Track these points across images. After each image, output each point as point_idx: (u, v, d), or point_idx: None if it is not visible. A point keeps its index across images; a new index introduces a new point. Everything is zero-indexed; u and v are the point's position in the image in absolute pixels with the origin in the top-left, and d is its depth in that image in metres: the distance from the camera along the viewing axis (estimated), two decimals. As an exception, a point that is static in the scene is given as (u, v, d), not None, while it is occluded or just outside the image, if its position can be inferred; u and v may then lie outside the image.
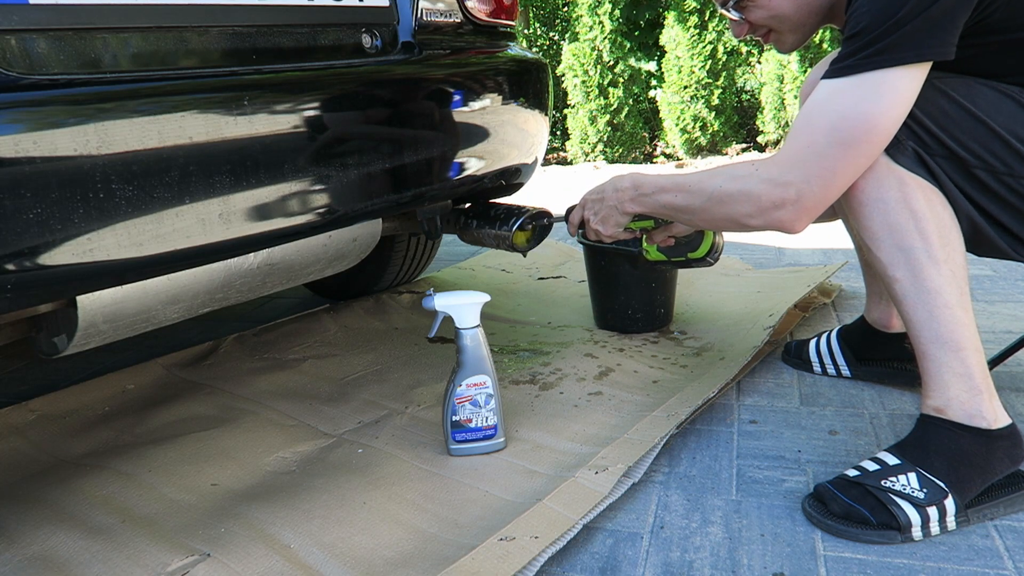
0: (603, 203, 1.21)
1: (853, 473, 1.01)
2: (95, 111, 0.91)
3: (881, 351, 1.39)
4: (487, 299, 1.18)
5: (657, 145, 6.32)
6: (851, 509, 0.96)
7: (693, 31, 5.49)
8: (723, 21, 5.44)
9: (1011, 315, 1.71)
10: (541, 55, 4.16)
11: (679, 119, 5.65)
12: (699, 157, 5.66)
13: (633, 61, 5.85)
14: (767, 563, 0.92)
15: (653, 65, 5.99)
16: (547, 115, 1.64)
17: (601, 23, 5.61)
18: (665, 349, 1.60)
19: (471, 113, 1.41)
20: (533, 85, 1.56)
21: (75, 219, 0.89)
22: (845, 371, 1.43)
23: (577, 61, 5.72)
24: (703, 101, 5.56)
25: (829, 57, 1.21)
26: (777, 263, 2.32)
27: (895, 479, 0.96)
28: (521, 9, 7.07)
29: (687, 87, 5.56)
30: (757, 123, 5.86)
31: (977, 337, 0.96)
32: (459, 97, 1.38)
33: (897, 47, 0.86)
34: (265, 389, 1.50)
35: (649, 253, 1.41)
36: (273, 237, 1.14)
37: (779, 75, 5.49)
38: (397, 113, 1.27)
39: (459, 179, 1.41)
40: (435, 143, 1.34)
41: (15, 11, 0.88)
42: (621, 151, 5.84)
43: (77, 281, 0.95)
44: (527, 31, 7.47)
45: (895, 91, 0.89)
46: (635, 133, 5.87)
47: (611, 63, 5.69)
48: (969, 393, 0.96)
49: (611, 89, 5.72)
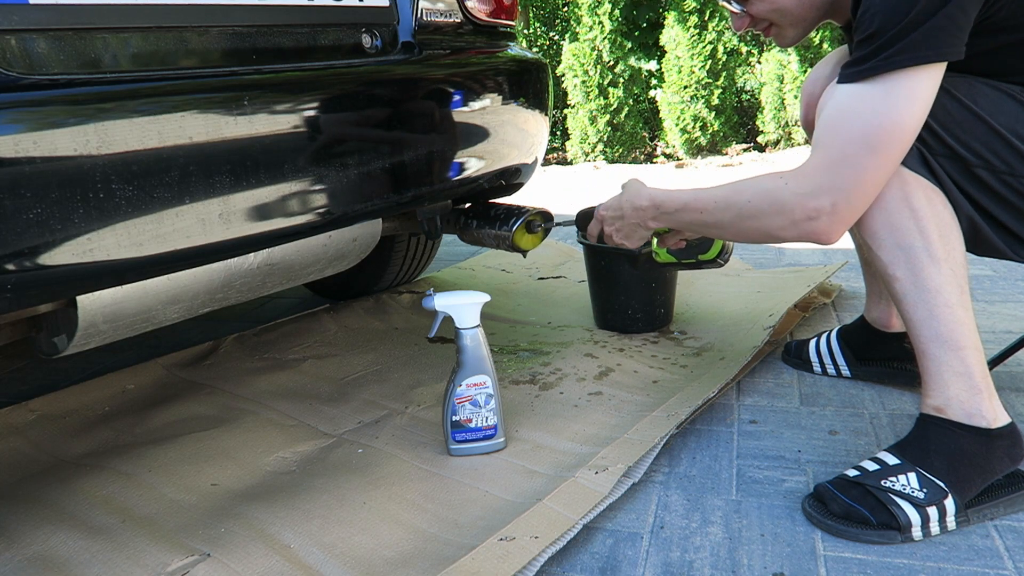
0: (623, 220, 1.20)
1: (853, 473, 1.01)
2: (95, 111, 0.91)
3: (881, 351, 1.39)
4: (487, 299, 1.18)
5: (657, 145, 6.33)
6: (851, 509, 0.96)
7: (693, 31, 5.49)
8: (723, 21, 5.44)
9: (1011, 315, 1.71)
10: (541, 55, 4.16)
11: (679, 119, 5.65)
12: (699, 157, 5.66)
13: (633, 61, 5.85)
14: (767, 563, 0.92)
15: (653, 65, 5.99)
16: (547, 115, 1.64)
17: (601, 23, 5.62)
18: (665, 349, 1.60)
19: (471, 113, 1.41)
20: (533, 85, 1.56)
21: (75, 219, 0.89)
22: (845, 371, 1.43)
23: (577, 61, 5.73)
24: (703, 101, 5.56)
25: (831, 56, 1.21)
26: (777, 263, 2.32)
27: (895, 479, 0.96)
28: (521, 9, 7.07)
29: (687, 87, 5.56)
30: (757, 123, 5.86)
31: (977, 336, 0.96)
32: (459, 97, 1.38)
33: (916, 46, 0.85)
34: (265, 389, 1.50)
35: (659, 256, 1.40)
36: (273, 237, 1.14)
37: (779, 75, 5.49)
38: (397, 113, 1.27)
39: (459, 179, 1.41)
40: (435, 143, 1.34)
41: (15, 11, 0.88)
42: (621, 151, 5.85)
43: (77, 281, 0.95)
44: (527, 31, 7.47)
45: (918, 92, 0.88)
46: (635, 133, 5.88)
47: (611, 63, 5.69)
48: (969, 392, 0.96)
49: (611, 89, 5.72)
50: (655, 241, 1.32)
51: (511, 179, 1.57)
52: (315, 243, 1.36)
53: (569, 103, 5.91)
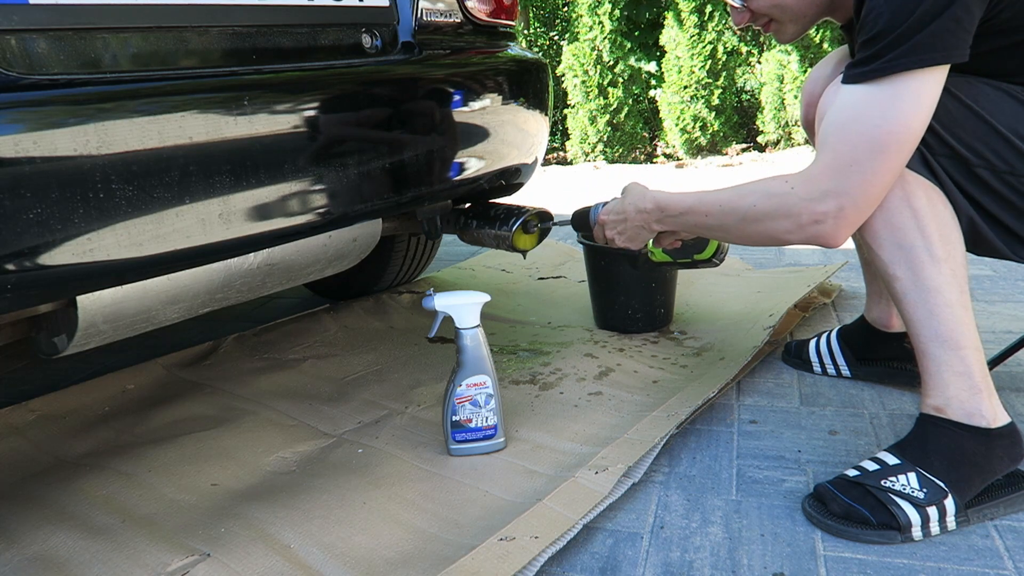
0: (627, 223, 1.20)
1: (853, 473, 1.01)
2: (95, 111, 0.91)
3: (881, 351, 1.39)
4: (487, 299, 1.18)
5: (657, 145, 6.33)
6: (851, 509, 0.96)
7: (693, 31, 5.49)
8: (723, 21, 5.44)
9: (1011, 315, 1.71)
10: (541, 55, 4.16)
11: (679, 119, 5.65)
12: (699, 157, 5.66)
13: (633, 61, 5.85)
14: (767, 563, 0.92)
15: (653, 66, 5.99)
16: (547, 115, 1.64)
17: (601, 23, 5.62)
18: (665, 349, 1.60)
19: (471, 113, 1.41)
20: (533, 85, 1.56)
21: (75, 219, 0.89)
22: (845, 371, 1.43)
23: (577, 61, 5.73)
24: (703, 101, 5.56)
25: (831, 56, 1.21)
26: (777, 263, 2.32)
27: (895, 479, 0.96)
28: (521, 9, 7.07)
29: (687, 87, 5.56)
30: (757, 123, 5.86)
31: (977, 336, 0.96)
32: (459, 97, 1.38)
33: (923, 48, 0.85)
34: (265, 389, 1.50)
35: (655, 255, 1.40)
36: (273, 237, 1.14)
37: (779, 75, 5.49)
38: (397, 113, 1.27)
39: (459, 179, 1.41)
40: (435, 143, 1.34)
41: (15, 11, 0.88)
42: (621, 151, 5.85)
43: (77, 281, 0.95)
44: (527, 31, 7.47)
45: (923, 95, 0.88)
46: (635, 133, 5.88)
47: (611, 63, 5.69)
48: (969, 392, 0.96)
49: (611, 89, 5.72)
50: (651, 241, 1.32)
51: (511, 179, 1.58)
52: (315, 243, 1.36)
53: (569, 103, 5.91)
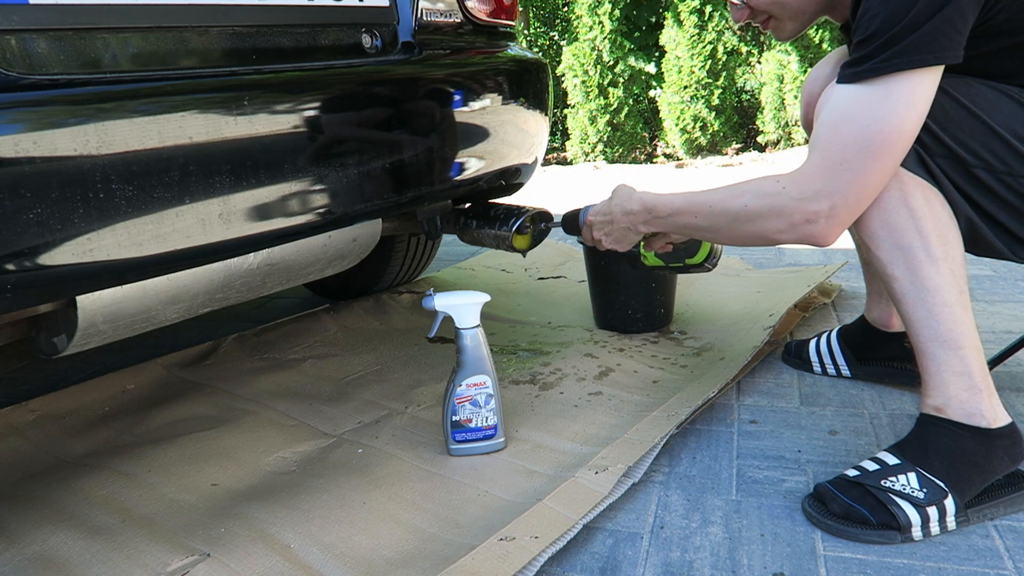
0: (614, 225, 1.19)
1: (853, 473, 1.01)
2: (95, 111, 0.91)
3: (881, 351, 1.39)
4: (487, 299, 1.18)
5: (657, 145, 6.33)
6: (851, 509, 0.96)
7: (693, 31, 5.49)
8: (723, 21, 5.44)
9: (1011, 315, 1.71)
10: (541, 55, 4.17)
11: (679, 119, 5.65)
12: (699, 157, 5.67)
13: (633, 61, 5.85)
14: (767, 563, 0.92)
15: (653, 67, 5.99)
16: (547, 115, 1.64)
17: (601, 23, 5.62)
18: (665, 349, 1.60)
19: (471, 113, 1.41)
20: (533, 85, 1.56)
21: (75, 219, 0.89)
22: (845, 371, 1.43)
23: (577, 61, 5.73)
24: (703, 101, 5.56)
25: (831, 55, 1.21)
26: (777, 263, 2.32)
27: (895, 479, 0.96)
28: (521, 9, 7.07)
29: (687, 87, 5.57)
30: (757, 123, 5.87)
31: (976, 336, 0.96)
32: (459, 97, 1.38)
33: (916, 49, 0.85)
34: (265, 389, 1.50)
35: (647, 259, 1.40)
36: (273, 237, 1.14)
37: (779, 75, 5.49)
38: (397, 113, 1.27)
39: (459, 179, 1.41)
40: (435, 143, 1.34)
41: (15, 11, 0.88)
42: (621, 151, 5.85)
43: (77, 281, 0.95)
44: (527, 31, 7.47)
45: (916, 95, 0.88)
46: (635, 133, 5.88)
47: (611, 63, 5.69)
48: (969, 392, 0.96)
49: (611, 89, 5.72)
50: (642, 245, 1.32)
51: (511, 179, 1.58)
52: (315, 243, 1.36)
53: (569, 103, 5.91)
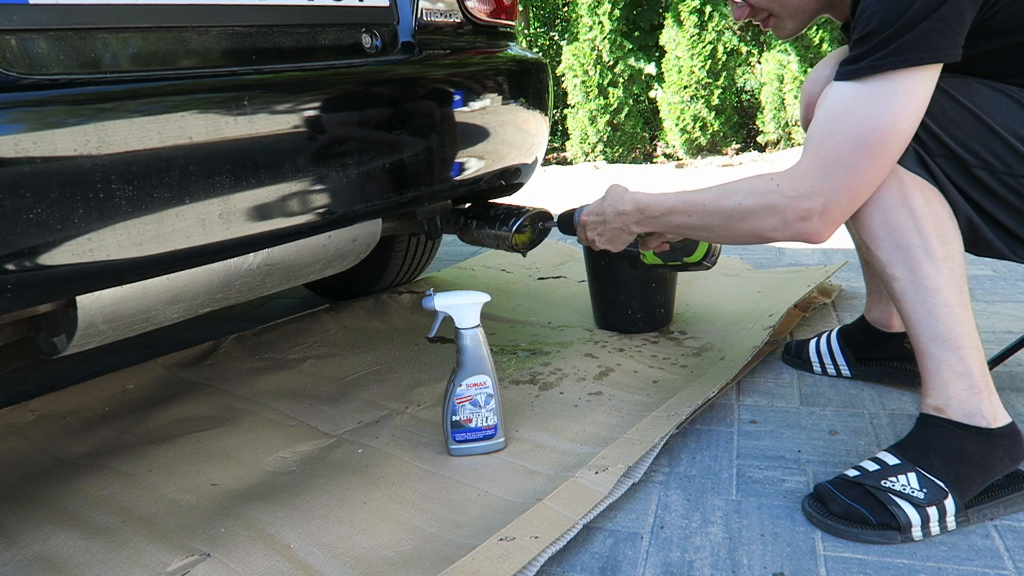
0: (607, 225, 1.20)
1: (853, 473, 1.01)
2: (95, 111, 0.91)
3: (881, 351, 1.39)
4: (487, 299, 1.18)
5: (657, 145, 6.33)
6: (851, 509, 0.96)
7: (693, 31, 5.49)
8: (723, 21, 5.44)
9: (1011, 315, 1.71)
10: (541, 55, 4.15)
11: (679, 119, 5.65)
12: (699, 157, 5.66)
13: (633, 61, 5.85)
14: (767, 563, 0.92)
15: (653, 67, 5.99)
16: (547, 115, 1.64)
17: (601, 23, 5.62)
18: (665, 349, 1.60)
19: (471, 113, 1.41)
20: (533, 85, 1.56)
21: (75, 219, 0.89)
22: (845, 371, 1.43)
23: (577, 61, 5.73)
24: (703, 101, 5.56)
25: (831, 56, 1.21)
26: (777, 263, 2.32)
27: (895, 479, 0.97)
28: (521, 9, 7.07)
29: (687, 87, 5.56)
30: (757, 123, 5.87)
31: (976, 335, 0.96)
32: (459, 97, 1.38)
33: (911, 47, 0.85)
34: (265, 389, 1.50)
35: (646, 257, 1.40)
36: (273, 237, 1.14)
37: (779, 75, 5.49)
38: (397, 113, 1.27)
39: (459, 179, 1.41)
40: (435, 143, 1.34)
41: (15, 11, 0.88)
42: (621, 151, 5.85)
43: (77, 281, 0.95)
44: (527, 31, 7.47)
45: (912, 94, 0.88)
46: (635, 133, 5.88)
47: (611, 63, 5.69)
48: (968, 392, 0.96)
49: (611, 89, 5.72)
50: (639, 243, 1.32)
51: (511, 179, 1.58)
52: (315, 243, 1.36)
53: (569, 103, 5.91)
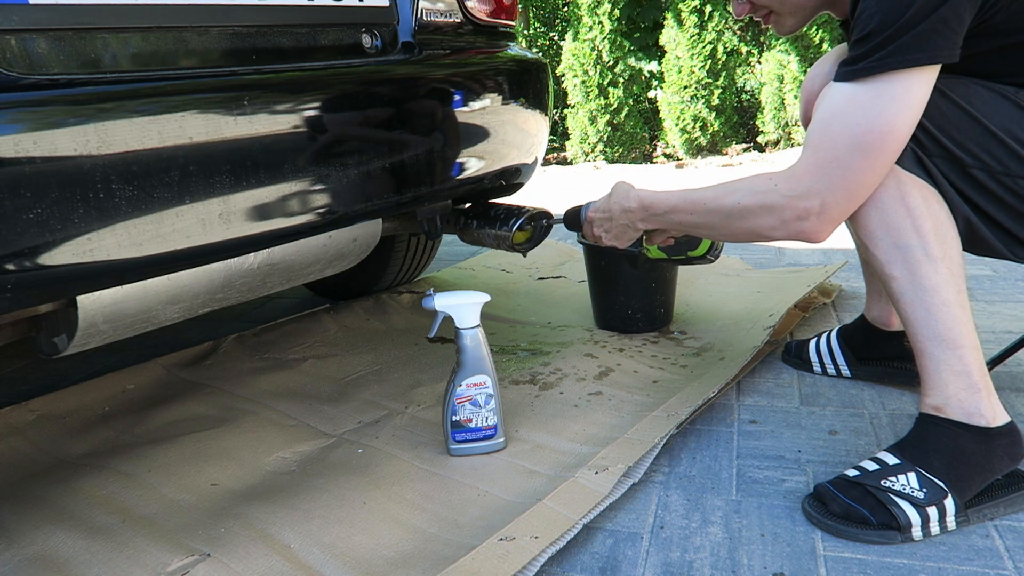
0: (613, 222, 1.22)
1: (853, 473, 1.01)
2: (95, 111, 0.91)
3: (881, 350, 1.39)
4: (487, 299, 1.18)
5: (657, 145, 6.33)
6: (851, 509, 0.96)
7: (693, 31, 5.49)
8: (723, 20, 5.43)
9: (1011, 315, 1.71)
10: (541, 55, 4.14)
11: (679, 119, 5.65)
12: (699, 157, 5.66)
13: (633, 61, 5.85)
14: (767, 563, 0.92)
15: (655, 65, 5.99)
16: (547, 115, 1.64)
17: (601, 23, 5.62)
18: (665, 349, 1.60)
19: (471, 113, 1.41)
20: (533, 85, 1.56)
21: (75, 219, 0.89)
22: (845, 371, 1.43)
23: (577, 61, 5.73)
24: (703, 101, 5.56)
25: (830, 54, 1.21)
26: (777, 263, 2.32)
27: (895, 479, 0.97)
28: (521, 9, 7.07)
29: (687, 87, 5.56)
30: (757, 123, 5.87)
31: (975, 335, 0.96)
32: (459, 97, 1.38)
33: (909, 48, 0.85)
34: (265, 389, 1.50)
35: (650, 252, 1.41)
36: (273, 237, 1.14)
37: (779, 75, 5.49)
38: (397, 113, 1.27)
39: (459, 179, 1.41)
40: (435, 143, 1.34)
41: (15, 11, 0.88)
42: (621, 151, 5.84)
43: (77, 281, 0.95)
44: (527, 31, 7.47)
45: (909, 95, 0.88)
46: (635, 133, 5.88)
47: (611, 63, 5.69)
48: (968, 391, 0.96)
49: (611, 89, 5.72)
50: (644, 238, 1.34)
51: (511, 179, 1.57)
52: (315, 243, 1.36)
53: (569, 103, 5.91)
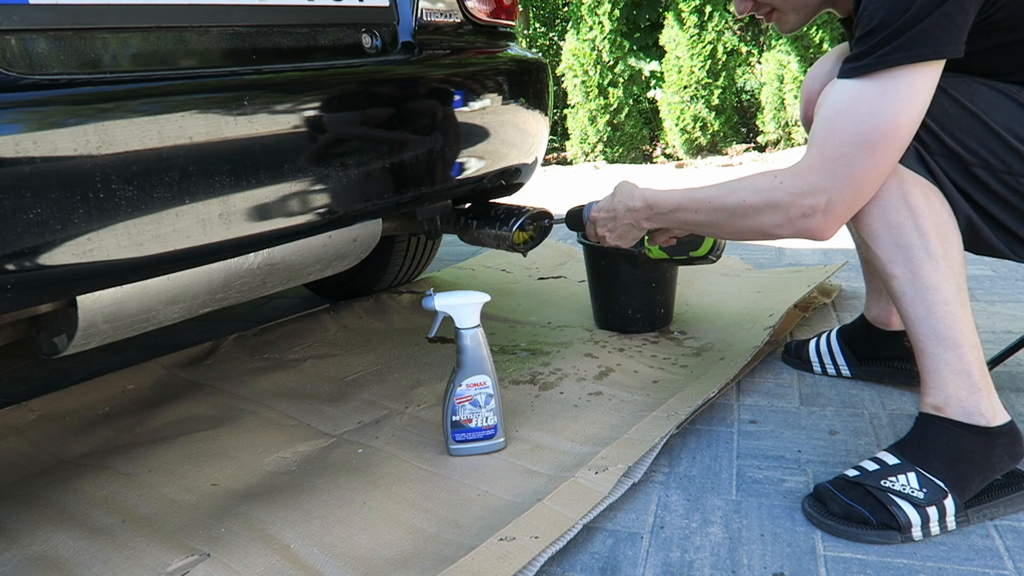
0: (617, 222, 1.22)
1: (853, 473, 1.01)
2: (95, 111, 0.91)
3: (881, 350, 1.39)
4: (487, 299, 1.18)
5: (657, 145, 6.33)
6: (851, 509, 0.96)
7: (693, 31, 5.49)
8: (723, 20, 5.43)
9: (1011, 315, 1.71)
10: (541, 55, 4.14)
11: (679, 119, 5.65)
12: (699, 157, 5.66)
13: (633, 61, 5.85)
14: (767, 563, 0.92)
15: (655, 65, 5.99)
16: (547, 115, 1.64)
17: (601, 23, 5.62)
18: (665, 349, 1.60)
19: (471, 113, 1.41)
20: (533, 85, 1.56)
21: (75, 219, 0.89)
22: (845, 371, 1.43)
23: (577, 61, 5.73)
24: (703, 101, 5.56)
25: (830, 53, 1.21)
26: (777, 263, 2.32)
27: (895, 479, 0.96)
28: (521, 9, 7.07)
29: (687, 87, 5.56)
30: (757, 123, 5.86)
31: (975, 334, 0.96)
32: (459, 97, 1.38)
33: (914, 44, 0.85)
34: (265, 389, 1.50)
35: (652, 252, 1.41)
36: (273, 237, 1.14)
37: (779, 75, 5.49)
38: (397, 113, 1.27)
39: (459, 179, 1.41)
40: (435, 143, 1.34)
41: (15, 11, 0.88)
42: (621, 151, 5.84)
43: (77, 281, 0.95)
44: (527, 31, 7.47)
45: (914, 91, 0.88)
46: (635, 133, 5.88)
47: (611, 63, 5.69)
48: (968, 391, 0.96)
49: (611, 89, 5.72)
50: (646, 238, 1.33)
51: (511, 179, 1.57)
52: (315, 243, 1.36)
53: (569, 103, 5.91)
